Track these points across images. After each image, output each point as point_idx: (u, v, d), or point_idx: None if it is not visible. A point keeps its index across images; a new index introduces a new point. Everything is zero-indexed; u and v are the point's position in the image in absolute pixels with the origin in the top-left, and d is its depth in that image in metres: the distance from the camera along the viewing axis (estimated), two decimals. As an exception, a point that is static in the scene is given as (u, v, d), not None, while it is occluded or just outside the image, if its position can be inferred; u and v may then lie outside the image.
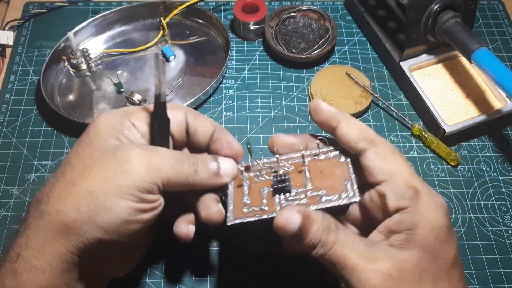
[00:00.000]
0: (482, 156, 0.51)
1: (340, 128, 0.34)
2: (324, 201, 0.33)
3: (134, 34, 0.60)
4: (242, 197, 0.36)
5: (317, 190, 0.34)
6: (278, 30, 0.58)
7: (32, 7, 0.62)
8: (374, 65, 0.58)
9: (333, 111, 0.35)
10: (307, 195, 0.34)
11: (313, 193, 0.34)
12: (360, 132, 0.34)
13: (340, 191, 0.34)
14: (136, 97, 0.51)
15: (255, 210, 0.34)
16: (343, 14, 0.63)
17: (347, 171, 0.35)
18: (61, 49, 0.56)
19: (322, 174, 0.35)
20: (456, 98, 0.53)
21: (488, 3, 0.64)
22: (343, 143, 0.34)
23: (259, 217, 0.34)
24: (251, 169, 0.37)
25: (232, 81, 0.56)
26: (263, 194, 0.35)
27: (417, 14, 0.50)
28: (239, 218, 0.34)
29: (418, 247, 0.30)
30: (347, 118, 0.34)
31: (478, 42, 0.47)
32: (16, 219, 0.45)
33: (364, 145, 0.33)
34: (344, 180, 0.34)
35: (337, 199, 0.33)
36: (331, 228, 0.31)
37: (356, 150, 0.34)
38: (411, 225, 0.31)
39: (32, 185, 0.48)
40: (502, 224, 0.46)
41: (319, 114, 0.35)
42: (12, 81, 0.56)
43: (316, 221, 0.31)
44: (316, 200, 0.34)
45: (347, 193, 0.34)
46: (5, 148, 0.50)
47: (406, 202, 0.31)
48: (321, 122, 0.35)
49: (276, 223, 0.31)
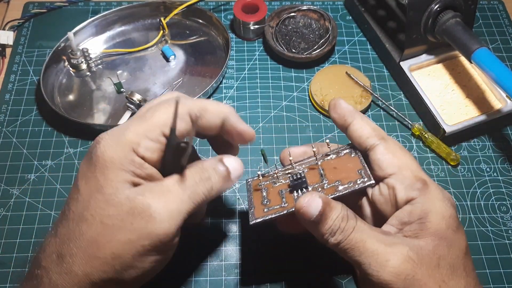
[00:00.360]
0: (482, 156, 0.51)
1: (354, 124, 0.36)
2: (342, 189, 0.35)
3: (134, 34, 0.60)
4: (262, 200, 0.37)
5: (333, 182, 0.36)
6: (278, 30, 0.58)
7: (32, 7, 0.62)
8: (374, 65, 0.58)
9: (350, 109, 0.37)
10: (324, 188, 0.36)
11: (329, 185, 0.36)
12: (372, 129, 0.36)
13: (355, 179, 0.35)
14: (136, 97, 0.51)
15: (275, 208, 0.36)
16: (343, 14, 0.63)
17: (359, 162, 0.36)
18: (61, 49, 0.56)
19: (335, 170, 0.37)
20: (456, 98, 0.53)
21: (488, 3, 0.64)
22: (355, 138, 0.36)
23: (280, 213, 0.35)
24: (268, 177, 0.39)
25: (232, 81, 0.56)
26: (281, 195, 0.37)
27: (417, 14, 0.50)
28: (261, 217, 0.35)
29: (432, 235, 0.32)
30: (362, 116, 0.36)
31: (478, 42, 0.47)
32: (17, 220, 0.45)
33: (374, 141, 0.35)
34: (358, 169, 0.36)
35: (353, 185, 0.35)
36: (350, 216, 0.32)
37: (367, 145, 0.35)
38: (422, 214, 0.32)
39: (32, 185, 0.48)
40: (502, 224, 0.46)
41: (337, 109, 0.37)
42: (12, 81, 0.56)
43: (336, 208, 0.32)
44: (333, 189, 0.35)
45: (362, 178, 0.35)
46: (5, 148, 0.50)
47: (416, 192, 0.33)
48: (338, 117, 0.37)
49: (298, 206, 0.32)
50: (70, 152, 0.50)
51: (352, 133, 0.36)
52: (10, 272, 0.43)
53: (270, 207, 0.36)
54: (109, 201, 0.30)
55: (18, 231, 0.45)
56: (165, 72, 0.57)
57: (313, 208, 0.31)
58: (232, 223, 0.46)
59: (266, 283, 0.42)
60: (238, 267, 0.43)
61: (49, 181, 0.48)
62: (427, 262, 0.30)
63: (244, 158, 0.50)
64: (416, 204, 0.33)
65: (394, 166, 0.34)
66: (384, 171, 0.34)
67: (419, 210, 0.32)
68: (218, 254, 0.44)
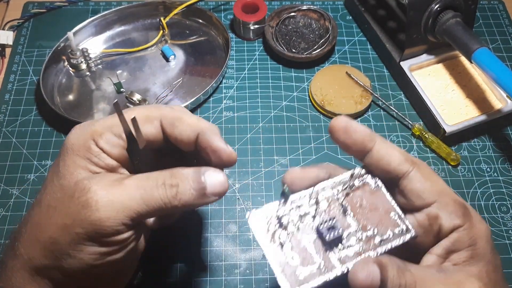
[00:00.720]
0: (482, 156, 0.51)
1: (378, 150, 0.30)
2: (381, 242, 0.30)
3: (133, 34, 0.60)
4: (285, 256, 0.29)
5: (366, 229, 0.30)
6: (278, 30, 0.58)
7: (31, 7, 0.62)
8: (374, 65, 0.58)
9: (368, 132, 0.30)
10: (360, 238, 0.30)
11: (365, 234, 0.30)
12: (401, 153, 0.30)
13: (391, 227, 0.30)
14: (136, 97, 0.51)
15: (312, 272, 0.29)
16: (343, 14, 0.63)
17: (386, 200, 0.31)
18: (60, 49, 0.56)
19: (362, 208, 0.31)
20: (456, 98, 0.52)
21: (489, 3, 0.64)
22: (382, 166, 0.31)
23: (321, 281, 0.28)
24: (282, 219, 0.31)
25: (232, 81, 0.56)
26: (309, 247, 0.30)
27: (417, 14, 0.50)
28: (298, 287, 0.28)
29: (481, 260, 0.30)
30: (382, 139, 0.31)
31: (479, 42, 0.47)
32: (16, 220, 0.45)
33: (407, 167, 0.30)
34: (389, 211, 0.31)
35: (394, 237, 0.30)
36: (402, 267, 0.28)
37: (398, 173, 0.30)
38: (472, 241, 0.30)
39: (31, 185, 0.48)
40: (503, 224, 0.46)
41: (351, 134, 0.30)
42: (12, 81, 0.56)
43: (388, 266, 0.28)
44: (373, 243, 0.30)
45: (400, 228, 0.30)
46: (5, 148, 0.50)
47: (460, 220, 0.30)
48: (353, 144, 0.30)
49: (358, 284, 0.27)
50: (70, 152, 0.50)
51: (376, 161, 0.31)
52: (9, 272, 0.43)
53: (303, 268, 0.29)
54: (61, 184, 0.30)
55: (17, 231, 0.45)
56: (165, 72, 0.57)
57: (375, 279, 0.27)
58: (232, 223, 0.46)
59: (266, 284, 0.42)
60: (238, 267, 0.43)
61: (48, 181, 0.48)
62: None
63: (243, 158, 0.50)
64: (463, 232, 0.30)
65: (434, 194, 0.30)
66: (425, 201, 0.30)
67: (467, 237, 0.30)
68: (218, 254, 0.44)
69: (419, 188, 0.30)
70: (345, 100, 0.53)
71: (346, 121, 0.30)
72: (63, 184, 0.30)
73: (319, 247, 0.30)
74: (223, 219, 0.46)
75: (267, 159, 0.50)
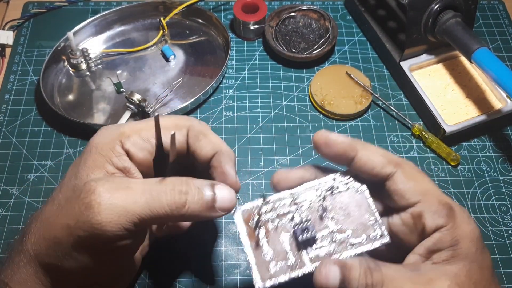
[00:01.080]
0: (482, 156, 0.51)
1: (360, 157, 0.32)
2: (354, 245, 0.32)
3: (133, 34, 0.60)
4: (261, 251, 0.31)
5: (342, 232, 0.32)
6: (278, 30, 0.58)
7: (31, 7, 0.62)
8: (374, 65, 0.58)
9: (348, 141, 0.32)
10: (334, 240, 0.32)
11: (339, 236, 0.32)
12: (383, 156, 0.32)
13: (367, 231, 0.32)
14: (136, 97, 0.51)
15: (282, 267, 0.31)
16: (343, 14, 0.63)
17: (368, 205, 0.33)
18: (60, 49, 0.56)
19: (341, 211, 0.33)
20: (456, 98, 0.52)
21: (488, 3, 0.64)
22: (366, 171, 0.32)
23: (289, 276, 0.31)
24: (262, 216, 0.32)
25: (232, 81, 0.56)
26: (283, 244, 0.32)
27: (417, 14, 0.50)
28: (268, 279, 0.30)
29: (463, 259, 0.30)
30: (364, 145, 0.32)
31: (479, 42, 0.47)
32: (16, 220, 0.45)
33: (391, 169, 0.31)
34: (368, 216, 0.32)
35: (367, 242, 0.32)
36: (372, 267, 0.29)
37: (383, 176, 0.32)
38: (454, 242, 0.30)
39: (31, 185, 0.48)
40: (503, 224, 0.46)
41: (332, 147, 0.32)
42: (12, 81, 0.55)
43: (354, 267, 0.29)
44: (345, 245, 0.32)
45: (375, 233, 0.32)
46: (5, 148, 0.50)
47: (443, 220, 0.31)
48: (335, 155, 0.32)
49: (317, 282, 0.29)
50: (70, 152, 0.50)
51: (360, 167, 0.32)
52: (9, 272, 0.43)
53: (276, 263, 0.31)
54: (74, 184, 0.30)
55: (17, 231, 0.44)
56: (165, 72, 0.57)
57: (333, 279, 0.29)
58: (232, 223, 0.46)
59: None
60: (238, 267, 0.43)
61: (48, 181, 0.48)
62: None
63: (243, 158, 0.50)
64: (445, 232, 0.30)
65: (417, 194, 0.31)
66: (408, 201, 0.31)
67: (449, 237, 0.30)
68: (218, 254, 0.44)
69: (402, 189, 0.31)
70: (345, 100, 0.53)
71: (325, 135, 0.32)
72: (76, 184, 0.30)
73: (294, 245, 0.31)
74: (223, 219, 0.46)
75: (267, 159, 0.50)
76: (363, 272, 0.29)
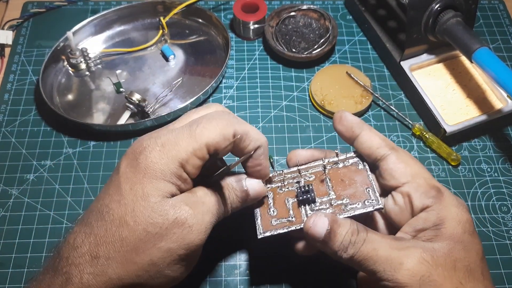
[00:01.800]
0: (483, 156, 0.51)
1: (363, 135, 0.36)
2: (350, 209, 0.35)
3: (133, 33, 0.60)
4: (268, 209, 0.37)
5: (341, 198, 0.36)
6: (278, 29, 0.58)
7: (31, 7, 0.62)
8: (374, 65, 0.58)
9: (357, 120, 0.37)
10: (332, 204, 0.36)
11: (337, 202, 0.36)
12: (382, 139, 0.36)
13: (363, 198, 0.35)
14: (136, 97, 0.51)
15: (283, 222, 0.36)
16: (343, 14, 0.63)
17: (367, 178, 0.37)
18: (60, 48, 0.55)
19: (343, 182, 0.37)
20: (456, 98, 0.52)
21: (489, 3, 0.64)
22: (364, 149, 0.36)
23: (287, 229, 0.35)
24: (273, 181, 0.39)
25: (232, 80, 0.56)
26: (288, 205, 0.37)
27: (418, 13, 0.50)
28: (269, 231, 0.36)
29: (447, 239, 0.32)
30: (369, 127, 0.37)
31: (479, 41, 0.47)
32: (16, 220, 0.45)
33: (385, 151, 0.35)
34: (365, 186, 0.36)
35: (361, 207, 0.35)
36: (360, 229, 0.32)
37: (378, 155, 0.36)
38: (438, 221, 0.32)
39: (31, 185, 0.48)
40: (503, 225, 0.46)
41: (343, 122, 0.37)
42: (11, 80, 0.55)
43: (344, 225, 0.32)
44: (341, 208, 0.35)
45: (370, 200, 0.35)
46: (4, 148, 0.50)
47: (431, 200, 0.33)
48: (345, 130, 0.37)
49: (305, 228, 0.33)
50: (69, 152, 0.50)
51: (361, 144, 0.37)
52: (9, 272, 0.42)
53: (278, 220, 0.36)
54: (155, 209, 0.31)
55: (17, 232, 0.45)
56: (165, 72, 0.56)
57: (320, 228, 0.32)
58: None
59: (266, 284, 0.42)
60: (238, 268, 0.43)
61: (48, 181, 0.48)
62: (442, 263, 0.31)
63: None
64: (431, 212, 0.33)
65: (407, 175, 0.35)
66: (398, 180, 0.35)
67: (434, 216, 0.33)
68: (218, 255, 0.44)
69: (392, 168, 0.35)
70: (345, 100, 0.52)
71: (341, 112, 0.38)
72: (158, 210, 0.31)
73: (295, 205, 0.37)
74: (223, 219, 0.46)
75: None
76: (350, 231, 0.32)
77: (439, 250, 0.31)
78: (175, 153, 0.32)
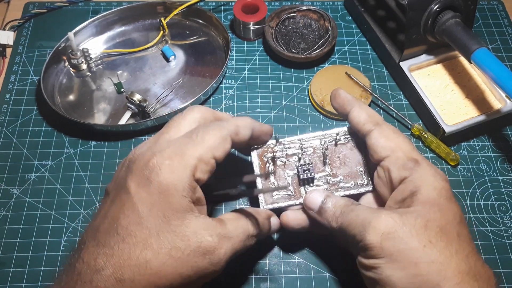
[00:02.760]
0: (481, 156, 0.51)
1: (353, 111, 0.39)
2: (343, 188, 0.40)
3: (134, 34, 0.60)
4: (269, 181, 0.40)
5: (336, 176, 0.40)
6: (278, 30, 0.58)
7: (32, 7, 0.62)
8: (373, 65, 0.58)
9: (349, 97, 0.40)
10: (328, 182, 0.40)
11: (333, 180, 0.40)
12: (368, 116, 0.38)
13: (355, 178, 0.40)
14: (136, 97, 0.51)
15: (283, 196, 0.40)
16: (343, 14, 0.63)
17: (361, 159, 0.40)
18: (61, 49, 0.56)
19: (339, 160, 0.40)
20: (455, 98, 0.53)
21: (488, 3, 0.64)
22: (354, 125, 0.39)
23: (288, 203, 0.40)
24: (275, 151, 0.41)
25: (232, 81, 0.56)
26: (288, 179, 0.40)
27: (417, 14, 0.50)
28: (271, 204, 0.40)
29: (422, 203, 0.33)
30: (360, 104, 0.39)
31: (478, 42, 0.47)
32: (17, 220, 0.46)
33: (370, 127, 0.37)
34: (359, 167, 0.40)
35: (354, 187, 0.40)
36: (349, 203, 0.36)
37: (364, 131, 0.38)
38: (414, 188, 0.34)
39: (32, 185, 0.48)
40: (502, 224, 0.46)
41: (337, 99, 0.40)
42: (13, 81, 0.56)
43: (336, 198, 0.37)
44: (336, 187, 0.40)
45: (362, 181, 0.39)
46: (6, 148, 0.50)
47: (407, 172, 0.35)
48: (339, 106, 0.40)
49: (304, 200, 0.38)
50: (70, 152, 0.50)
51: (351, 121, 0.39)
52: (10, 272, 0.43)
53: (279, 194, 0.40)
54: (177, 233, 0.31)
55: (18, 231, 0.45)
56: (165, 72, 0.57)
57: (316, 199, 0.37)
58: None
59: (266, 283, 0.42)
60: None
61: (49, 181, 0.48)
62: (412, 223, 0.32)
63: (244, 159, 0.50)
64: (408, 182, 0.34)
65: (387, 149, 0.36)
66: (379, 155, 0.37)
67: (411, 186, 0.34)
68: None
69: (374, 144, 0.37)
70: (344, 100, 0.53)
71: (336, 90, 0.41)
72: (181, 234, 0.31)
73: (296, 181, 0.40)
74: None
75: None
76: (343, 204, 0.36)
77: (410, 212, 0.32)
78: (184, 163, 0.32)
